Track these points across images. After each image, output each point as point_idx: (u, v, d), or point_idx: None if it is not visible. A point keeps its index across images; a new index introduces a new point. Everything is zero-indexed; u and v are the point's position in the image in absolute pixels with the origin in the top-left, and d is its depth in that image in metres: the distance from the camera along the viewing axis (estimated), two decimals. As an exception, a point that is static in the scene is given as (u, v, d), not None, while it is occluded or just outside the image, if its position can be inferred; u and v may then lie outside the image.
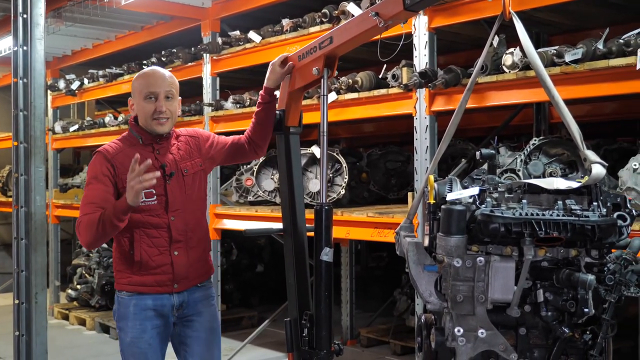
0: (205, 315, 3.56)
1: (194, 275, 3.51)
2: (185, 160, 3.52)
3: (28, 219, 4.21)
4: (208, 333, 3.57)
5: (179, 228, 3.43)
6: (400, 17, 3.06)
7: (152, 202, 3.38)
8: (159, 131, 3.43)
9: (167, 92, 3.44)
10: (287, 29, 6.00)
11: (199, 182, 3.56)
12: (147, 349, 3.41)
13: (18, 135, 4.32)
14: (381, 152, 6.77)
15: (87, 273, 8.76)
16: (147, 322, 3.41)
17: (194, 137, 3.64)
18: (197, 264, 3.52)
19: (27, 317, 4.22)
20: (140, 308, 3.41)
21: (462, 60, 5.80)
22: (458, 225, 2.35)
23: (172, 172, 3.43)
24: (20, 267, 4.22)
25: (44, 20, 4.30)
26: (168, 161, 3.46)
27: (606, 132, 7.22)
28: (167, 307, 3.44)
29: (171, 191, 3.42)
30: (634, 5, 5.01)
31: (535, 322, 2.44)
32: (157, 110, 3.40)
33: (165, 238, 3.40)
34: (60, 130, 9.37)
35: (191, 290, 3.51)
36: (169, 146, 3.51)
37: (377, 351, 7.02)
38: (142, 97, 3.43)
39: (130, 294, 3.43)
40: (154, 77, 3.46)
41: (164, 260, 3.40)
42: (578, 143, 2.50)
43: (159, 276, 3.41)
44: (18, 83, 4.30)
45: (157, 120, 3.41)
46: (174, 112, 3.49)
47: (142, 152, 3.36)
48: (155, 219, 3.39)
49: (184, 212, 3.44)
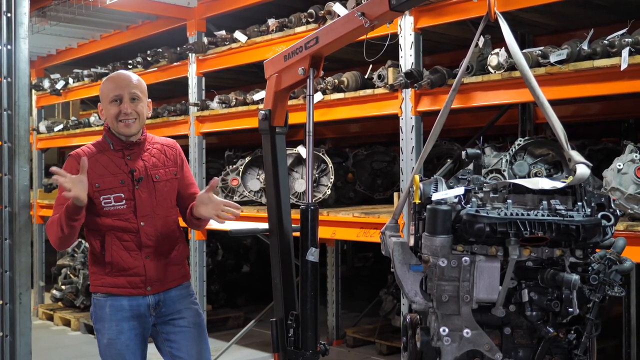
0: (185, 312, 3.56)
1: (168, 278, 3.52)
2: (158, 168, 3.54)
3: (12, 219, 4.18)
4: (193, 327, 3.56)
5: (149, 233, 3.45)
6: (386, 17, 3.06)
7: (120, 207, 3.41)
8: (125, 133, 3.45)
9: (132, 94, 3.45)
10: (273, 29, 6.00)
11: (171, 190, 3.57)
12: (124, 350, 3.40)
13: (2, 134, 4.29)
14: (367, 153, 6.77)
15: (72, 273, 8.72)
16: (123, 324, 3.41)
17: (171, 148, 3.65)
18: (171, 267, 3.54)
19: (11, 318, 4.19)
20: (116, 309, 3.41)
21: (447, 61, 5.82)
22: (443, 225, 2.35)
23: (141, 177, 3.46)
24: (4, 268, 4.19)
25: (28, 19, 4.27)
26: (138, 167, 3.48)
27: (591, 132, 7.26)
28: (143, 307, 3.45)
29: (139, 196, 3.44)
30: (618, 7, 5.04)
31: (520, 322, 2.45)
32: (122, 112, 3.42)
33: (135, 242, 3.42)
34: (44, 130, 9.33)
35: (167, 291, 3.52)
36: (141, 152, 3.53)
37: (363, 351, 7.02)
38: (108, 100, 3.47)
39: (105, 296, 3.44)
40: (119, 80, 3.50)
41: (136, 263, 3.42)
42: (563, 143, 2.51)
43: (131, 277, 3.42)
44: (2, 82, 4.27)
45: (123, 123, 3.43)
46: (140, 113, 3.49)
47: (112, 157, 3.46)
48: (125, 223, 3.42)
49: (153, 218, 3.46)
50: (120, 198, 3.41)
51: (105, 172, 3.43)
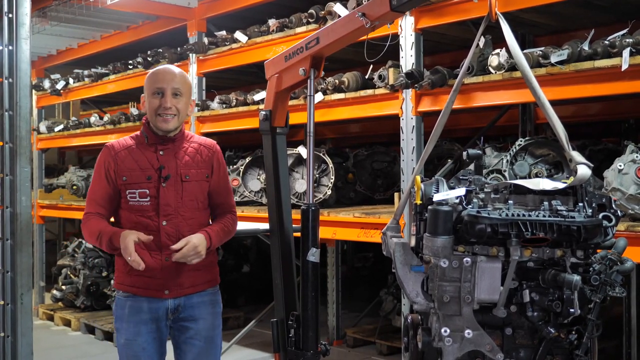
0: (201, 323, 3.44)
1: (188, 283, 3.40)
2: (190, 167, 3.42)
3: (13, 220, 4.18)
4: (203, 342, 3.45)
5: (170, 233, 3.34)
6: (386, 18, 3.07)
7: (145, 203, 3.34)
8: (163, 128, 3.37)
9: (174, 89, 3.37)
10: (274, 29, 6.00)
11: (200, 192, 3.45)
12: (140, 353, 3.35)
13: (3, 135, 4.29)
14: (367, 153, 6.77)
15: (72, 274, 8.71)
16: (141, 326, 3.35)
17: (209, 149, 3.53)
18: (193, 272, 3.39)
19: (12, 318, 4.18)
20: (135, 310, 3.36)
21: (448, 61, 5.82)
22: (445, 226, 2.35)
23: (168, 175, 3.36)
24: (6, 268, 4.19)
25: (29, 20, 4.28)
26: (169, 164, 3.38)
27: (591, 132, 7.27)
28: (162, 310, 3.37)
29: (164, 194, 3.34)
30: (618, 7, 5.04)
31: (521, 322, 2.45)
32: (161, 106, 3.35)
33: (155, 242, 3.31)
34: (45, 130, 9.33)
35: (188, 296, 3.41)
36: (176, 149, 3.43)
37: (364, 351, 7.02)
38: (150, 92, 3.39)
39: (126, 295, 3.39)
40: (163, 73, 3.41)
41: (154, 264, 3.32)
42: (563, 144, 2.51)
43: (148, 279, 3.33)
44: (3, 83, 4.27)
45: (161, 117, 3.36)
46: (181, 110, 3.40)
47: (145, 152, 3.39)
48: (147, 221, 3.33)
49: (176, 218, 3.35)
50: (145, 194, 3.33)
51: (135, 166, 3.36)
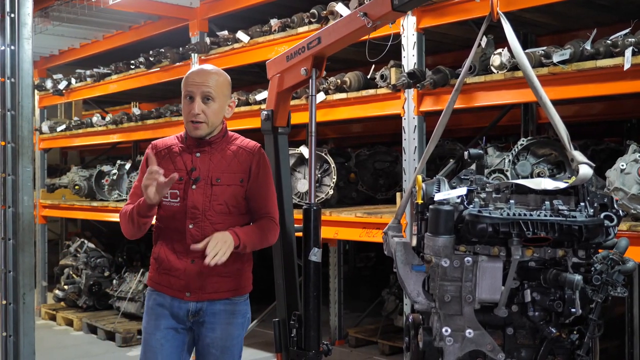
0: (218, 331, 3.30)
1: (211, 289, 3.27)
2: (223, 171, 3.27)
3: (16, 220, 4.19)
4: (219, 351, 3.30)
5: (196, 237, 3.21)
6: (388, 18, 3.07)
7: (174, 204, 3.27)
8: (193, 134, 3.26)
9: (205, 94, 3.20)
10: (276, 29, 6.00)
11: (232, 196, 3.27)
12: (158, 348, 3.28)
13: (5, 135, 4.30)
14: (369, 153, 6.77)
15: (75, 273, 8.72)
16: (161, 320, 3.30)
17: (249, 153, 3.32)
18: (217, 277, 3.26)
19: (14, 318, 4.19)
20: (157, 304, 3.32)
21: (450, 61, 5.82)
22: (446, 226, 2.35)
23: (198, 178, 3.24)
24: (8, 268, 4.20)
25: (31, 20, 4.28)
26: (202, 166, 3.27)
27: (594, 132, 7.25)
28: (183, 312, 3.29)
29: (192, 197, 3.24)
30: (620, 7, 5.03)
31: (522, 322, 2.45)
32: (191, 113, 3.21)
33: (182, 244, 3.24)
34: (47, 130, 9.34)
35: (211, 302, 3.29)
36: (213, 151, 3.29)
37: (366, 351, 7.02)
38: (183, 95, 3.27)
39: (152, 290, 3.37)
40: (193, 77, 3.25)
41: (179, 265, 3.25)
42: (565, 143, 2.51)
43: (172, 279, 3.28)
44: (5, 83, 4.27)
45: (192, 124, 3.22)
46: (210, 115, 3.21)
47: (183, 153, 3.31)
48: (175, 223, 3.27)
49: (203, 222, 3.23)
50: (175, 195, 3.25)
51: (172, 167, 3.27)
